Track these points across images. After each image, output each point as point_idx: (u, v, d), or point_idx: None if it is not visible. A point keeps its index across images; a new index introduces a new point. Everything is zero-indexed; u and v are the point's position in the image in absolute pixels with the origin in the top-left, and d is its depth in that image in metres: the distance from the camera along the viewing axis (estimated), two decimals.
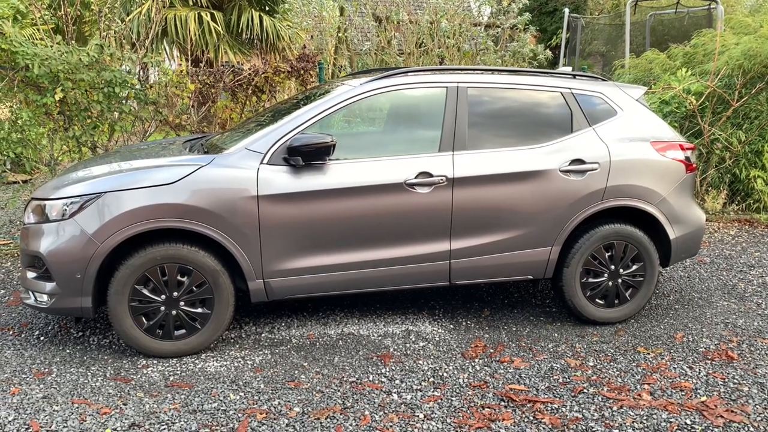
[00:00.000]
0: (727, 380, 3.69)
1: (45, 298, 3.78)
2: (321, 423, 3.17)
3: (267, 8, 12.59)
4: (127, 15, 11.53)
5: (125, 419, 3.17)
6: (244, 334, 4.28)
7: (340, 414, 3.26)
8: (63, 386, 3.54)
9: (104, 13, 6.80)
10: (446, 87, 4.26)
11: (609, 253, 4.37)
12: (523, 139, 4.31)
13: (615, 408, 3.36)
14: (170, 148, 4.67)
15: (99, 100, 5.94)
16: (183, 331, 3.88)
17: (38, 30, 7.75)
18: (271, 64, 7.85)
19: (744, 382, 3.67)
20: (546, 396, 3.49)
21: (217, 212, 3.76)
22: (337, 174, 3.95)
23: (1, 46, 5.53)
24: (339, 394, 3.48)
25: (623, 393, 3.53)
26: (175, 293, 3.81)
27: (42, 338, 4.19)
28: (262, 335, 4.27)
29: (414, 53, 10.01)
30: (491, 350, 4.07)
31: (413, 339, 4.23)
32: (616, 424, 3.20)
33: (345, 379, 3.66)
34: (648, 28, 12.72)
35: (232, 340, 4.19)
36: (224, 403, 3.36)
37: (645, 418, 3.27)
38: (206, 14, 11.69)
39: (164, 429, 3.10)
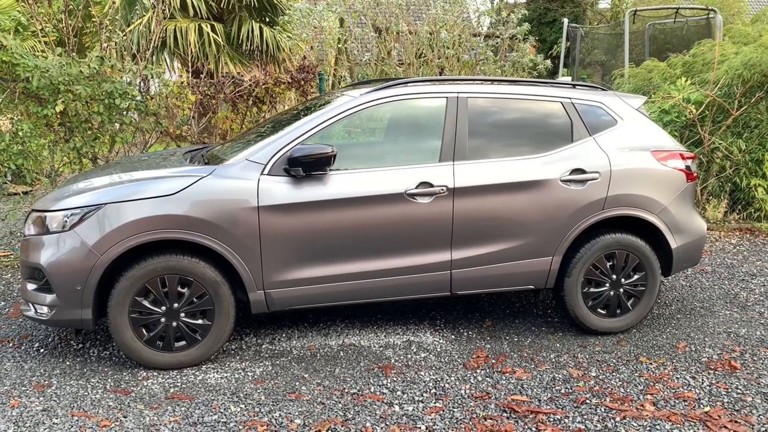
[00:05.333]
0: (730, 390, 3.67)
1: (45, 309, 3.77)
2: None
3: (267, 20, 12.66)
4: (128, 26, 11.60)
5: None
6: (244, 346, 4.26)
7: (342, 426, 3.24)
8: (63, 399, 3.52)
9: (105, 24, 6.83)
10: (446, 97, 4.27)
11: (610, 263, 4.36)
12: (524, 148, 4.31)
13: (618, 419, 3.34)
14: (171, 159, 4.67)
15: (100, 112, 5.95)
16: (183, 342, 3.87)
17: (40, 42, 7.78)
18: (272, 75, 7.88)
19: (747, 392, 3.65)
20: (548, 407, 3.47)
21: (218, 223, 3.76)
22: (338, 184, 3.95)
23: (2, 59, 5.55)
24: (340, 405, 3.46)
25: (626, 403, 3.51)
26: (176, 304, 3.80)
27: (42, 350, 4.18)
28: (263, 346, 4.25)
29: (414, 64, 10.05)
30: (493, 361, 4.06)
31: (414, 350, 4.21)
32: None
33: (346, 390, 3.64)
34: (647, 38, 12.76)
35: (233, 352, 4.17)
36: (225, 415, 3.34)
37: (648, 429, 3.25)
38: (206, 26, 11.75)
39: None
